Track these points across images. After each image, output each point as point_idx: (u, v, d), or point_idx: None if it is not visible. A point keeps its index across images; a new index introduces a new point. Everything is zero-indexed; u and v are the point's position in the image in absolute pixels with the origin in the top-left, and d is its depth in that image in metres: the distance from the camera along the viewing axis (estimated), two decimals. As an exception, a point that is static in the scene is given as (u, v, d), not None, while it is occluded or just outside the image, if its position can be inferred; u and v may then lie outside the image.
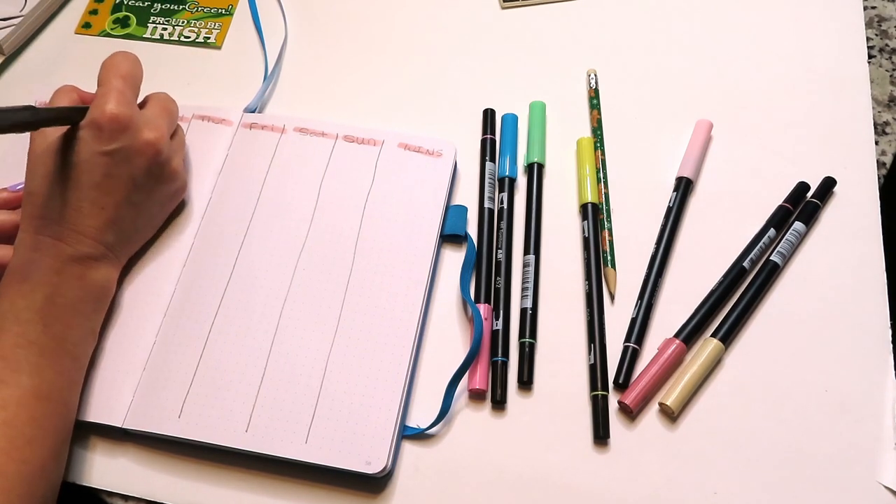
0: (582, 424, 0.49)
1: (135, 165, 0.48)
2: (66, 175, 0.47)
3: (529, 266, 0.53)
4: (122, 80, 0.49)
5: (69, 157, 0.47)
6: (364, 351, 0.50)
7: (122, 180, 0.48)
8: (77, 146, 0.47)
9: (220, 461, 0.48)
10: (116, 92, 0.48)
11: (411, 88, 0.63)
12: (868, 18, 0.65)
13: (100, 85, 0.49)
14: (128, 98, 0.49)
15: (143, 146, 0.48)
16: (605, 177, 0.57)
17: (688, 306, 0.52)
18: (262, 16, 0.67)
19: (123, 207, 0.49)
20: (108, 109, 0.47)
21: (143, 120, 0.49)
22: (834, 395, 0.49)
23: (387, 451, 0.46)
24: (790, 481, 0.46)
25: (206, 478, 0.47)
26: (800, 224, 0.54)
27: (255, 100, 0.61)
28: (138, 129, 0.48)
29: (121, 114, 0.47)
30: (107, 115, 0.47)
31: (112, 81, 0.49)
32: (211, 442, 0.47)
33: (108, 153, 0.47)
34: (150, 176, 0.50)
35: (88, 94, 0.51)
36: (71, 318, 0.46)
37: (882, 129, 0.60)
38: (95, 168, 0.47)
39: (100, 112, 0.47)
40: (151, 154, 0.49)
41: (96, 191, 0.47)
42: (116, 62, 0.50)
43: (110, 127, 0.47)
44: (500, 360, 0.50)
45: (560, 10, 0.67)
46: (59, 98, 0.50)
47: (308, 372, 0.49)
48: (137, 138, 0.48)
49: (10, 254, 0.52)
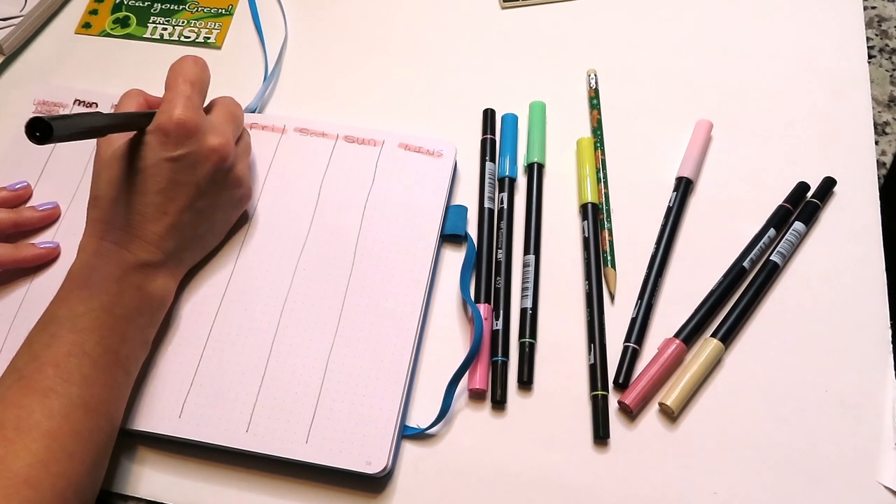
0: (582, 424, 0.49)
1: (200, 172, 0.48)
2: (132, 180, 0.46)
3: (529, 266, 0.53)
4: (190, 85, 0.49)
5: (135, 162, 0.46)
6: (364, 351, 0.50)
7: (186, 186, 0.47)
8: (143, 151, 0.46)
9: (220, 461, 0.48)
10: (184, 97, 0.47)
11: (411, 88, 0.63)
12: (868, 18, 0.65)
13: (167, 89, 0.49)
14: (195, 103, 0.48)
15: (208, 152, 0.48)
16: (605, 177, 0.57)
17: (688, 306, 0.52)
18: (262, 16, 0.67)
19: (186, 214, 0.48)
20: (176, 115, 0.46)
21: (210, 126, 0.48)
22: (834, 395, 0.49)
23: (387, 451, 0.46)
24: (790, 481, 0.46)
25: (206, 478, 0.47)
26: (800, 224, 0.54)
27: (255, 100, 0.61)
28: (204, 135, 0.48)
29: (188, 119, 0.47)
30: (174, 121, 0.46)
31: (179, 86, 0.48)
32: (211, 442, 0.47)
33: (174, 159, 0.46)
34: (215, 182, 0.49)
35: (154, 98, 0.51)
36: (126, 329, 0.45)
37: (882, 129, 0.60)
38: (161, 174, 0.46)
39: (167, 117, 0.46)
40: (216, 160, 0.48)
41: (160, 196, 0.47)
42: (184, 66, 0.50)
43: (177, 133, 0.46)
44: (500, 360, 0.50)
45: (560, 10, 0.67)
46: (125, 101, 0.50)
47: (308, 372, 0.49)
48: (203, 144, 0.47)
49: (8, 252, 0.52)
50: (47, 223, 0.55)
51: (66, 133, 0.39)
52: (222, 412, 0.48)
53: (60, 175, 0.58)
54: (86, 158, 0.58)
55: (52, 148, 0.59)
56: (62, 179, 0.57)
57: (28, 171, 0.58)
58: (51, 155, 0.59)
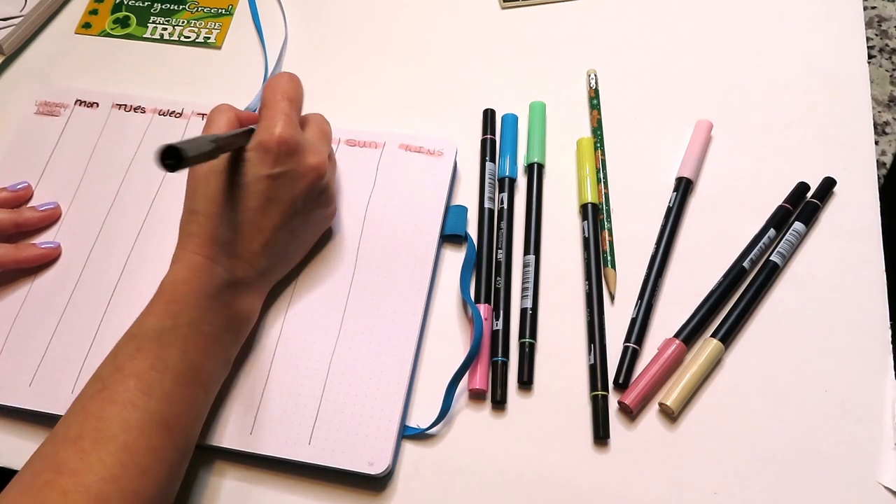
0: (582, 424, 0.49)
1: (296, 189, 0.47)
2: (230, 197, 0.46)
3: (529, 266, 0.53)
4: (288, 102, 0.48)
5: (233, 178, 0.46)
6: (367, 352, 0.50)
7: (282, 204, 0.47)
8: (243, 168, 0.46)
9: (222, 461, 0.48)
10: (284, 115, 0.47)
11: (411, 88, 0.63)
12: (868, 18, 0.65)
13: (265, 106, 0.48)
14: (294, 121, 0.48)
15: (306, 170, 0.47)
16: (605, 177, 0.57)
17: (688, 306, 0.52)
18: (262, 16, 0.67)
19: (280, 231, 0.48)
20: (277, 133, 0.46)
21: (307, 144, 0.48)
22: (834, 395, 0.49)
23: (389, 451, 0.46)
24: (790, 481, 0.47)
25: (207, 478, 0.47)
26: (800, 224, 0.54)
27: (255, 100, 0.61)
28: (303, 153, 0.47)
29: (289, 138, 0.46)
30: (275, 139, 0.46)
31: (279, 104, 0.48)
32: (215, 444, 0.47)
33: (273, 176, 0.46)
34: (309, 200, 0.49)
35: (244, 113, 0.50)
36: (211, 346, 0.45)
37: (882, 129, 0.60)
38: (259, 191, 0.46)
39: (268, 135, 0.46)
40: (313, 178, 0.48)
41: (257, 214, 0.46)
42: (282, 83, 0.49)
43: (277, 150, 0.46)
44: (500, 360, 0.50)
45: (560, 10, 0.67)
46: (216, 116, 0.49)
47: (311, 373, 0.49)
48: (302, 163, 0.47)
49: (9, 253, 0.52)
50: (48, 223, 0.56)
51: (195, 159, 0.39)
52: (226, 415, 0.48)
53: (61, 175, 0.58)
54: (86, 158, 0.58)
55: (52, 148, 0.59)
56: (62, 179, 0.57)
57: (28, 171, 0.58)
58: (51, 155, 0.59)
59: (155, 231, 0.55)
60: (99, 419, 0.40)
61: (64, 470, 0.39)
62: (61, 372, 0.50)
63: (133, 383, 0.42)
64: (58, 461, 0.39)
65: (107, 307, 0.52)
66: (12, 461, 0.48)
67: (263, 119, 0.48)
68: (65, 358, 0.50)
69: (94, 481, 0.38)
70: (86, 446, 0.39)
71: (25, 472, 0.40)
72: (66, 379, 0.49)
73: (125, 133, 0.59)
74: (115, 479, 0.39)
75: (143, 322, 0.44)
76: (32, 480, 0.39)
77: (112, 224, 0.55)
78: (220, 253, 0.46)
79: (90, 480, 0.38)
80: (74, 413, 0.42)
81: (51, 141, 0.59)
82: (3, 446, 0.49)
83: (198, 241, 0.46)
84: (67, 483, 0.38)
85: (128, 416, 0.41)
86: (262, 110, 0.48)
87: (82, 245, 0.54)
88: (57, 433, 0.41)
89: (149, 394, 0.41)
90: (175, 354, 0.43)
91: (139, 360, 0.42)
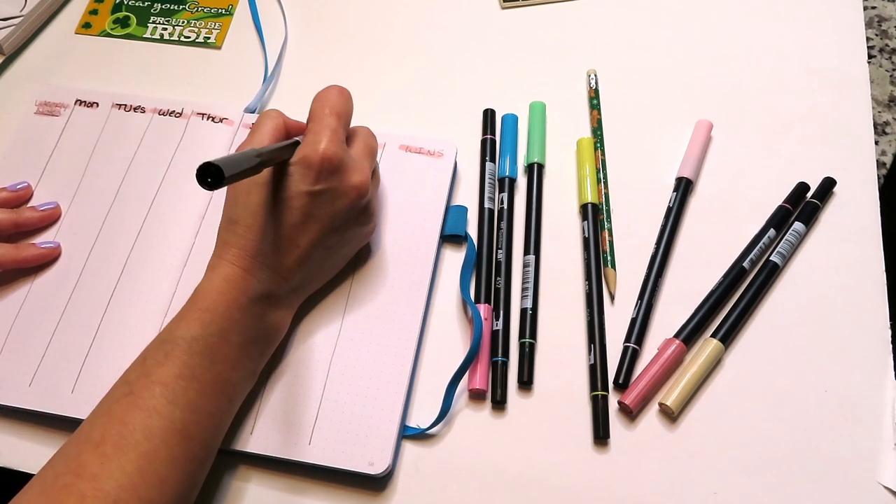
0: (582, 424, 0.49)
1: (336, 206, 0.47)
2: (270, 210, 0.46)
3: (529, 266, 0.53)
4: (336, 117, 0.48)
5: (275, 192, 0.46)
6: (367, 352, 0.50)
7: (321, 220, 0.47)
8: (285, 182, 0.46)
9: (223, 462, 0.48)
10: (330, 131, 0.47)
11: (411, 89, 0.63)
12: (868, 18, 0.65)
13: (312, 120, 0.48)
14: (340, 137, 0.47)
15: (348, 189, 0.47)
16: (605, 177, 0.57)
17: (688, 306, 0.52)
18: (262, 16, 0.67)
19: (317, 248, 0.47)
20: (322, 149, 0.46)
21: (351, 161, 0.47)
22: (834, 395, 0.49)
23: (390, 452, 0.46)
24: (790, 481, 0.47)
25: (207, 478, 0.47)
26: (800, 224, 0.54)
27: (255, 100, 0.61)
28: (346, 171, 0.47)
29: (333, 155, 0.46)
30: (318, 155, 0.45)
31: (326, 119, 0.47)
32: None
33: (314, 193, 0.46)
34: (348, 218, 0.48)
35: (293, 122, 0.50)
36: (239, 358, 0.45)
37: (882, 129, 0.60)
38: (299, 206, 0.46)
39: (312, 150, 0.46)
40: (354, 197, 0.47)
41: (296, 229, 0.46)
42: (330, 97, 0.49)
43: (320, 167, 0.45)
44: (500, 360, 0.50)
45: (560, 10, 0.67)
46: (264, 122, 0.49)
47: (311, 374, 0.49)
48: (344, 181, 0.47)
49: (9, 253, 0.52)
50: (48, 223, 0.55)
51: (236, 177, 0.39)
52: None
53: (61, 175, 0.58)
54: (86, 158, 0.58)
55: (52, 148, 0.59)
56: (62, 179, 0.57)
57: (28, 171, 0.58)
58: (51, 155, 0.59)
59: (155, 231, 0.55)
60: (122, 424, 0.40)
61: (84, 474, 0.39)
62: (61, 372, 0.49)
63: (159, 390, 0.41)
64: (79, 464, 0.39)
65: (107, 307, 0.52)
66: (12, 461, 0.48)
67: (309, 133, 0.47)
68: (65, 358, 0.50)
69: (112, 488, 0.38)
70: (107, 451, 0.39)
71: (47, 470, 0.40)
72: (66, 379, 0.49)
73: (125, 133, 0.59)
74: (133, 486, 0.39)
75: (173, 328, 0.44)
76: (53, 481, 0.39)
77: (112, 224, 0.55)
78: (255, 265, 0.46)
79: (109, 486, 0.38)
80: (99, 415, 0.42)
81: (51, 141, 0.59)
82: (3, 446, 0.49)
83: (235, 252, 0.46)
84: (86, 488, 0.38)
85: (151, 424, 0.40)
86: (309, 123, 0.48)
87: (82, 245, 0.54)
88: (80, 434, 0.41)
89: (174, 402, 0.41)
90: (203, 364, 0.43)
91: (167, 367, 0.42)
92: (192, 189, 0.56)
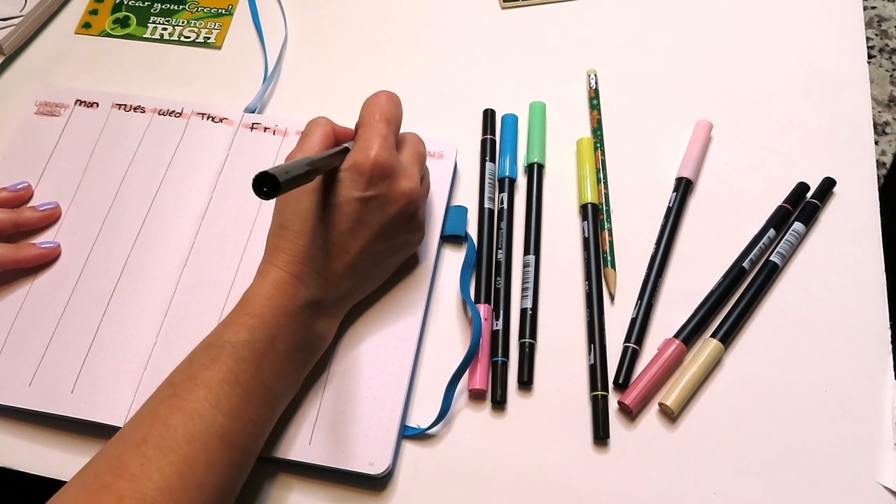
0: (582, 424, 0.49)
1: (386, 213, 0.47)
2: (320, 216, 0.45)
3: (529, 266, 0.53)
4: (387, 123, 0.48)
5: (325, 197, 0.46)
6: (367, 353, 0.50)
7: (371, 227, 0.47)
8: (335, 188, 0.46)
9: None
10: (381, 137, 0.46)
11: (411, 89, 0.63)
12: (868, 18, 0.65)
13: (362, 126, 0.48)
14: (391, 143, 0.47)
15: (398, 196, 0.47)
16: (605, 177, 0.57)
17: (688, 306, 0.52)
18: (262, 16, 0.67)
19: (365, 255, 0.47)
20: (373, 156, 0.45)
21: (401, 167, 0.47)
22: (834, 395, 0.49)
23: (389, 451, 0.46)
24: (790, 481, 0.47)
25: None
26: (799, 224, 0.54)
27: (255, 100, 0.61)
28: (397, 178, 0.47)
29: (385, 161, 0.46)
30: (370, 162, 0.45)
31: (377, 125, 0.47)
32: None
33: (364, 199, 0.46)
34: (397, 226, 0.48)
35: (340, 128, 0.50)
36: (284, 365, 0.44)
37: (882, 129, 0.60)
38: (349, 213, 0.46)
39: (364, 157, 0.45)
40: (405, 203, 0.47)
41: (346, 235, 0.46)
42: (381, 103, 0.49)
43: (371, 173, 0.45)
44: (500, 360, 0.50)
45: (560, 10, 0.67)
46: (313, 130, 0.49)
47: (311, 374, 0.49)
48: (394, 188, 0.47)
49: (9, 253, 0.52)
50: (48, 223, 0.55)
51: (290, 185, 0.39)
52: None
53: (61, 175, 0.58)
54: (86, 158, 0.58)
55: (52, 148, 0.59)
56: (62, 179, 0.57)
57: (28, 171, 0.58)
58: (51, 155, 0.59)
59: (155, 231, 0.55)
60: (165, 426, 0.40)
61: (124, 474, 0.39)
62: (61, 372, 0.49)
63: (203, 393, 0.41)
64: (120, 464, 0.39)
65: (106, 307, 0.52)
66: (12, 461, 0.48)
67: (359, 139, 0.47)
68: (65, 358, 0.50)
69: (150, 490, 0.38)
70: (148, 452, 0.39)
71: (88, 469, 0.40)
72: (65, 379, 0.49)
73: (125, 133, 0.59)
74: (171, 490, 0.39)
75: (221, 332, 0.44)
76: (93, 480, 0.39)
77: (112, 224, 0.55)
78: (305, 272, 0.45)
79: (147, 488, 0.38)
80: (143, 416, 0.42)
81: (51, 141, 0.59)
82: (3, 446, 0.49)
83: (285, 258, 0.45)
84: (125, 488, 0.38)
85: (193, 428, 0.40)
86: (359, 129, 0.48)
87: (82, 245, 0.54)
88: (124, 434, 0.41)
89: (217, 406, 0.41)
90: (248, 370, 0.43)
91: (212, 371, 0.42)
92: (191, 189, 0.56)
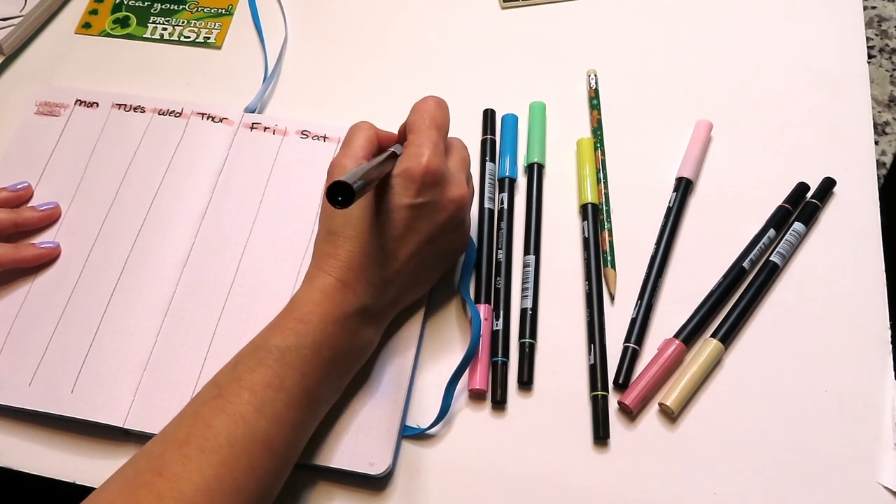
0: (582, 424, 0.49)
1: (435, 220, 0.47)
2: (369, 222, 0.45)
3: (529, 266, 0.53)
4: (437, 129, 0.47)
5: (375, 204, 0.45)
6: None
7: (419, 234, 0.46)
8: (386, 194, 0.45)
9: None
10: (431, 143, 0.46)
11: (411, 89, 0.62)
12: (868, 18, 0.65)
13: (412, 131, 0.48)
14: (441, 150, 0.47)
15: (447, 202, 0.47)
16: (605, 177, 0.57)
17: (688, 306, 0.52)
18: (262, 16, 0.67)
19: (413, 261, 0.47)
20: (424, 163, 0.45)
21: (450, 174, 0.47)
22: (834, 395, 0.49)
23: (389, 451, 0.46)
24: (790, 481, 0.47)
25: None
26: (799, 224, 0.54)
27: (255, 100, 0.61)
28: (447, 185, 0.47)
29: (436, 168, 0.46)
30: (422, 168, 0.45)
31: (427, 131, 0.47)
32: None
33: (415, 206, 0.45)
34: (445, 233, 0.48)
35: (383, 132, 0.50)
36: (328, 372, 0.44)
37: (882, 129, 0.60)
38: (399, 219, 0.45)
39: (416, 163, 0.45)
40: (454, 210, 0.47)
41: (396, 241, 0.46)
42: (430, 108, 0.48)
43: (423, 180, 0.45)
44: (500, 360, 0.50)
45: (560, 10, 0.67)
46: (356, 135, 0.48)
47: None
48: (444, 194, 0.46)
49: (9, 253, 0.52)
50: (47, 223, 0.55)
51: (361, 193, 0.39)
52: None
53: (61, 175, 0.58)
54: (86, 158, 0.58)
55: (52, 148, 0.59)
56: (62, 179, 0.57)
57: (28, 171, 0.58)
58: (51, 155, 0.59)
59: (155, 231, 0.55)
60: (208, 427, 0.40)
61: (165, 473, 0.39)
62: (61, 372, 0.49)
63: (248, 397, 0.41)
64: (161, 463, 0.39)
65: (106, 307, 0.52)
66: (12, 461, 0.48)
67: (410, 145, 0.47)
68: (65, 358, 0.50)
69: (190, 490, 0.38)
70: (190, 453, 0.39)
71: (129, 467, 0.40)
72: (65, 379, 0.49)
73: (125, 133, 0.59)
74: (210, 492, 0.38)
75: (269, 335, 0.44)
76: (134, 478, 0.39)
77: (112, 224, 0.55)
78: (353, 278, 0.45)
79: (187, 489, 0.38)
80: (187, 415, 0.42)
81: (51, 141, 0.59)
82: (3, 446, 0.49)
83: (333, 263, 0.45)
84: (165, 487, 0.38)
85: (236, 431, 0.40)
86: (410, 135, 0.48)
87: (82, 245, 0.54)
88: (166, 433, 0.41)
89: (261, 411, 0.41)
90: (293, 376, 0.42)
91: (258, 375, 0.42)
92: (191, 189, 0.56)
